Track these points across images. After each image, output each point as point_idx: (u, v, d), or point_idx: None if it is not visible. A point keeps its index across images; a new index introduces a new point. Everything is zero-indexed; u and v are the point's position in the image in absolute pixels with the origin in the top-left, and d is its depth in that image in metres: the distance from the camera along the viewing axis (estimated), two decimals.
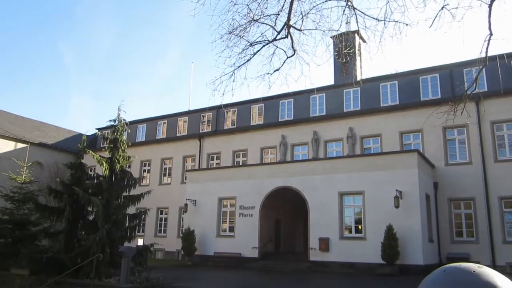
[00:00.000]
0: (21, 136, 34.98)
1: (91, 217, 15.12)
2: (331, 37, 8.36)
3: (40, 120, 42.35)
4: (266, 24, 7.99)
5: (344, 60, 27.41)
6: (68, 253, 13.61)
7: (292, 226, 26.24)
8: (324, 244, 19.96)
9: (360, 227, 19.83)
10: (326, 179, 20.87)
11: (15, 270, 14.67)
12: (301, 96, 26.60)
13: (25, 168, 18.46)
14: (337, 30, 7.72)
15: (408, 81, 24.97)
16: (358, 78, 25.43)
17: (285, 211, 25.30)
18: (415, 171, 18.89)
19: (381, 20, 6.98)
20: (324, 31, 7.74)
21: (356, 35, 26.09)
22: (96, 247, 13.03)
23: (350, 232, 20.07)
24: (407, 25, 6.93)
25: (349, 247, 19.53)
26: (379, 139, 24.39)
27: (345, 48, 11.81)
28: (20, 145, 34.18)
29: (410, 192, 18.59)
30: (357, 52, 27.49)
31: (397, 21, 6.95)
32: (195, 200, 24.61)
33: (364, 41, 27.99)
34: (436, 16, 6.56)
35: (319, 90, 25.15)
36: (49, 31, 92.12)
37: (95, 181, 15.69)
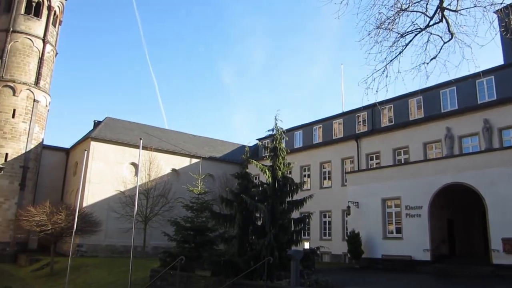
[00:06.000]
0: (194, 152, 39.29)
1: (259, 223, 16.04)
2: (494, 12, 7.42)
3: (208, 136, 46.91)
4: (417, 11, 7.55)
5: None
6: (241, 257, 14.67)
7: (468, 226, 23.89)
8: (510, 245, 17.63)
9: None
10: (506, 171, 18.44)
11: (199, 272, 16.44)
12: (465, 83, 24.12)
13: (199, 180, 20.63)
14: (501, 3, 6.85)
15: None
16: None
17: (458, 209, 23.17)
18: None
19: None
20: (485, 7, 6.95)
21: None
22: (265, 251, 13.78)
23: None
24: None
25: None
26: None
27: None
28: (194, 160, 38.41)
29: None
30: None
31: None
32: (358, 202, 24.19)
33: None
34: None
35: (486, 73, 22.51)
36: (209, 57, 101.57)
37: (260, 189, 16.64)
